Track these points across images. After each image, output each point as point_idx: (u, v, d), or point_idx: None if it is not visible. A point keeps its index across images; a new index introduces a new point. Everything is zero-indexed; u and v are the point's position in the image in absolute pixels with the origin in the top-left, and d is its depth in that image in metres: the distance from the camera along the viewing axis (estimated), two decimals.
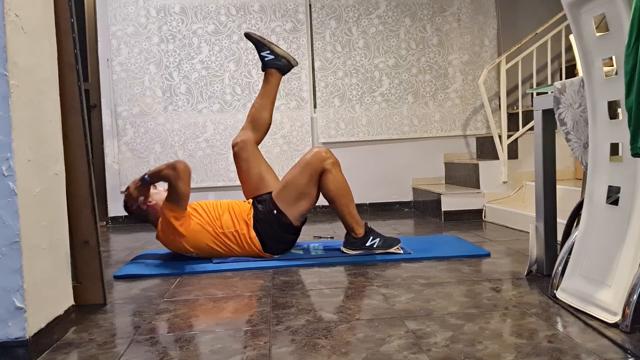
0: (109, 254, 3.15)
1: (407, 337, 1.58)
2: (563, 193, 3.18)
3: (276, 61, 2.90)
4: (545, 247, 2.21)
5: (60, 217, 1.78)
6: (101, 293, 2.04)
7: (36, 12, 1.65)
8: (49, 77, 1.73)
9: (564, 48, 4.08)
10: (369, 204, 4.70)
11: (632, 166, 1.64)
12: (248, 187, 2.88)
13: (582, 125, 1.93)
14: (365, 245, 2.70)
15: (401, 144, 4.73)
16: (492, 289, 2.05)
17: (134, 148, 4.49)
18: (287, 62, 2.91)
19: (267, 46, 2.89)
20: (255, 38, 2.89)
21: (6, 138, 1.46)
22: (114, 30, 4.45)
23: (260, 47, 2.90)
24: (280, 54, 2.90)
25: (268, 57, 2.89)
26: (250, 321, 1.78)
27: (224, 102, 4.54)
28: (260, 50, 2.90)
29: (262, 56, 2.90)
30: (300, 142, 4.60)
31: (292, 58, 2.93)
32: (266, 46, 2.89)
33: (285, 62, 2.91)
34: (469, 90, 4.73)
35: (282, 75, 2.94)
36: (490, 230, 3.47)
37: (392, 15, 4.66)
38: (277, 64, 2.90)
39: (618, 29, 1.60)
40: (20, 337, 1.49)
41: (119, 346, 1.61)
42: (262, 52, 2.90)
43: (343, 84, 4.63)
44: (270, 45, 2.89)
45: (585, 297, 1.73)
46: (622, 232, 1.66)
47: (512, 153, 4.16)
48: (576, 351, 1.43)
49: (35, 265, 1.57)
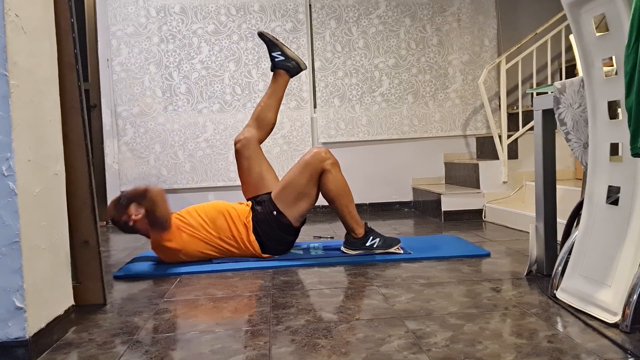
0: (109, 254, 3.15)
1: (407, 337, 1.58)
2: (563, 193, 3.18)
3: (286, 62, 2.92)
4: (545, 247, 2.21)
5: (60, 217, 1.78)
6: (101, 293, 2.04)
7: (36, 12, 1.65)
8: (49, 77, 1.73)
9: (564, 48, 4.08)
10: (369, 204, 4.70)
11: (632, 166, 1.64)
12: (248, 186, 2.88)
13: (582, 125, 1.93)
14: (365, 245, 2.70)
15: (401, 144, 4.73)
16: (492, 289, 2.05)
17: (134, 148, 4.49)
18: (297, 65, 2.93)
19: (279, 47, 2.91)
20: (268, 38, 2.91)
21: (6, 138, 1.46)
22: (114, 30, 4.46)
23: (272, 47, 2.92)
24: (291, 56, 2.92)
25: (278, 57, 2.91)
26: (250, 321, 1.78)
27: (224, 102, 4.54)
28: (271, 51, 2.92)
29: (273, 56, 2.92)
30: (300, 142, 4.60)
31: (302, 62, 2.95)
32: (278, 47, 2.91)
33: (295, 65, 2.93)
34: (469, 90, 4.73)
35: (290, 77, 2.97)
36: (490, 230, 3.47)
37: (392, 15, 4.66)
38: (286, 65, 2.92)
39: (618, 29, 1.60)
40: (20, 337, 1.49)
41: (119, 346, 1.61)
42: (273, 53, 2.92)
43: (343, 84, 4.63)
44: (282, 47, 2.91)
45: (585, 297, 1.73)
46: (622, 232, 1.66)
47: (512, 153, 4.16)
48: (576, 351, 1.43)
49: (35, 265, 1.57)
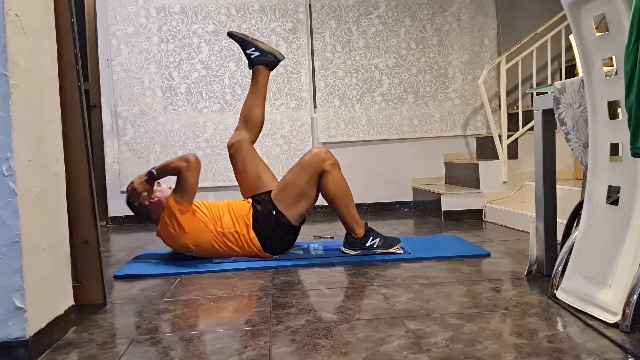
0: (109, 254, 3.15)
1: (407, 337, 1.58)
2: (563, 193, 3.18)
3: (262, 57, 2.88)
4: (545, 247, 2.21)
5: (60, 217, 1.78)
6: (101, 293, 2.04)
7: (36, 12, 1.65)
8: (49, 77, 1.73)
9: (564, 48, 4.08)
10: (369, 204, 4.70)
11: (632, 166, 1.64)
12: (245, 187, 2.88)
13: (582, 125, 1.93)
14: (365, 245, 2.70)
15: (401, 144, 4.73)
16: (492, 289, 2.05)
17: (134, 148, 4.49)
18: (274, 57, 2.89)
19: (251, 43, 2.87)
20: (238, 36, 2.87)
21: (6, 138, 1.46)
22: (114, 30, 4.46)
23: (244, 44, 2.88)
24: (266, 50, 2.87)
25: (254, 54, 2.87)
26: (250, 321, 1.78)
27: (224, 102, 4.54)
28: (245, 48, 2.88)
29: (248, 54, 2.88)
30: (300, 142, 4.60)
31: (278, 52, 2.90)
32: (250, 43, 2.87)
33: (272, 57, 2.89)
34: (469, 90, 4.73)
35: (269, 71, 2.93)
36: (490, 230, 3.47)
37: (392, 15, 4.66)
38: (263, 59, 2.88)
39: (618, 29, 1.60)
40: (20, 337, 1.49)
41: (119, 346, 1.61)
42: (248, 50, 2.87)
43: (343, 84, 4.63)
44: (254, 42, 2.87)
45: (585, 297, 1.73)
46: (622, 232, 1.66)
47: (512, 153, 4.16)
48: (576, 351, 1.43)
49: (35, 265, 1.57)
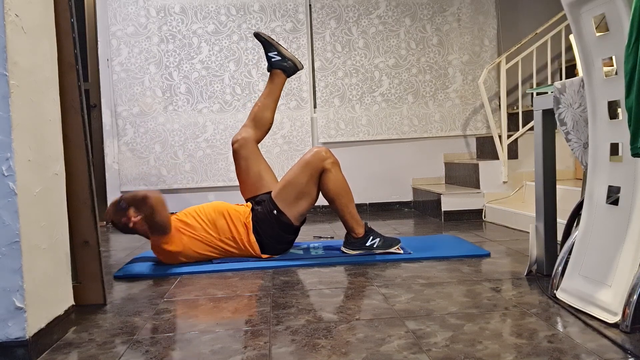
0: (109, 254, 3.15)
1: (407, 337, 1.58)
2: (563, 193, 3.18)
3: (283, 62, 2.93)
4: (545, 247, 2.21)
5: (60, 217, 1.77)
6: (101, 293, 2.04)
7: (36, 12, 1.65)
8: (49, 77, 1.73)
9: (564, 48, 4.08)
10: (369, 204, 4.70)
11: (632, 166, 1.64)
12: (246, 186, 2.88)
13: (582, 125, 1.93)
14: (365, 245, 2.70)
15: (401, 144, 4.73)
16: (492, 289, 2.05)
17: (134, 148, 4.49)
18: (293, 65, 2.95)
19: (275, 47, 2.92)
20: (264, 38, 2.92)
21: (6, 138, 1.46)
22: (114, 30, 4.46)
23: (268, 47, 2.93)
24: (287, 56, 2.93)
25: (275, 57, 2.92)
26: (250, 321, 1.78)
27: (224, 102, 4.54)
28: (268, 51, 2.93)
29: (269, 57, 2.93)
30: (300, 142, 4.60)
31: (298, 61, 2.96)
32: (274, 47, 2.92)
33: (292, 65, 2.94)
34: (469, 90, 4.73)
35: (287, 77, 2.98)
36: (490, 230, 3.47)
37: (392, 15, 4.66)
38: (283, 65, 2.93)
39: (618, 29, 1.60)
40: (20, 337, 1.49)
41: (119, 346, 1.61)
42: (270, 53, 2.93)
43: (343, 84, 4.63)
44: (278, 47, 2.92)
45: (585, 297, 1.73)
46: (622, 232, 1.66)
47: (512, 153, 4.16)
48: (576, 351, 1.43)
49: (35, 265, 1.57)
